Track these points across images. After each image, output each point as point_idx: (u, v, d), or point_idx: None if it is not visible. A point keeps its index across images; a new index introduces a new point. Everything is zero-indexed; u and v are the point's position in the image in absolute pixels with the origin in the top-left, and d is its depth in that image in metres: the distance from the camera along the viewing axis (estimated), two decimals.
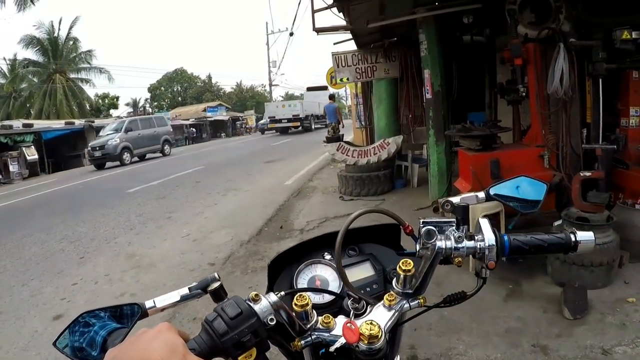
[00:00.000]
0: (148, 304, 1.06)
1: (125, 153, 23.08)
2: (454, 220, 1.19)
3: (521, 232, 1.17)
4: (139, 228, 8.27)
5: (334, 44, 10.41)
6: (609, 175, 4.62)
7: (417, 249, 1.16)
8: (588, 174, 4.54)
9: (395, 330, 1.20)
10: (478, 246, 1.11)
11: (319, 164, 14.79)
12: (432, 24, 7.09)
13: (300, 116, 34.45)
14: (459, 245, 1.11)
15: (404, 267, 1.10)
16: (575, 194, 4.49)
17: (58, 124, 29.61)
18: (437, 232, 1.13)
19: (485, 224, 1.15)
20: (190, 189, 12.24)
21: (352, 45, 10.17)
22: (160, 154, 26.49)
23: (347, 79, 10.06)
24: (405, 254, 1.34)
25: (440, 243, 1.11)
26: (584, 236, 1.12)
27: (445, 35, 7.78)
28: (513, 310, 3.97)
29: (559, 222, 4.53)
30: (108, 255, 6.82)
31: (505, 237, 1.12)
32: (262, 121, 40.52)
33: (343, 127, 16.97)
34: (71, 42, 40.45)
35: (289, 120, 34.85)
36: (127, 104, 51.81)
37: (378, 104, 10.63)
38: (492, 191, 1.32)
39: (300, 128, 35.55)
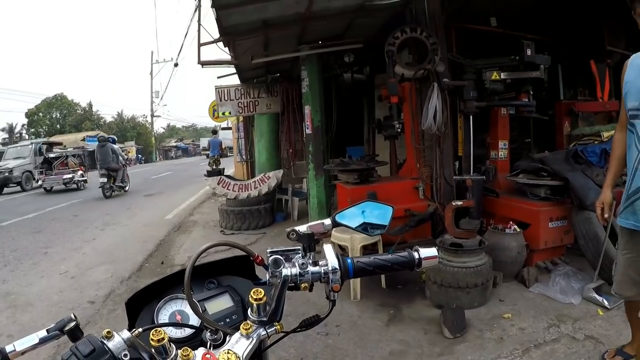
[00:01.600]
0: (8, 348, 1.05)
1: None
2: (300, 247, 1.26)
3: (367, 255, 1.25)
4: (14, 264, 7.62)
5: (218, 77, 10.29)
6: (479, 203, 4.93)
7: (267, 277, 1.20)
8: (460, 203, 4.82)
9: (260, 356, 1.27)
10: (322, 271, 1.18)
11: (200, 197, 14.51)
12: (314, 62, 7.31)
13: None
14: (304, 272, 1.17)
15: (255, 296, 1.14)
16: (448, 222, 4.75)
17: None
18: (284, 260, 1.19)
19: (328, 249, 1.23)
20: (68, 222, 11.48)
21: (236, 80, 10.15)
22: None
23: (229, 113, 10.02)
24: (260, 284, 1.39)
25: (286, 271, 1.17)
26: (427, 253, 1.22)
27: (326, 72, 8.02)
28: (395, 333, 4.06)
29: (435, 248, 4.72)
30: None
31: (349, 260, 1.19)
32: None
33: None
34: None
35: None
36: (3, 129, 48.11)
37: (259, 138, 10.70)
38: (337, 218, 1.41)
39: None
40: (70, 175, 19.90)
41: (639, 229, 2.60)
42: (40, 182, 20.37)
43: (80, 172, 20.83)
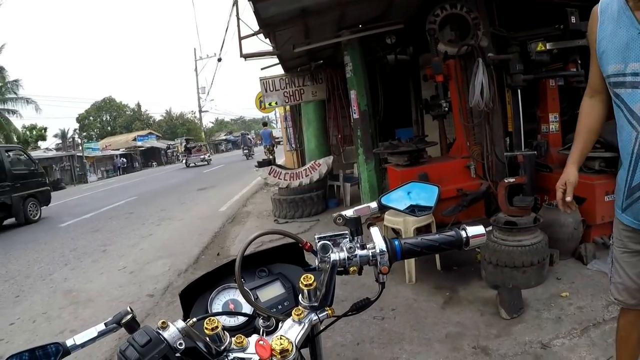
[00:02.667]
0: (69, 342, 1.09)
1: None
2: (347, 232, 1.26)
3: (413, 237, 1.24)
4: (74, 263, 7.96)
5: (262, 69, 10.40)
6: (532, 179, 4.81)
7: (317, 263, 1.22)
8: (512, 180, 4.72)
9: (313, 341, 1.29)
10: (370, 254, 1.18)
11: (252, 188, 14.69)
12: (356, 46, 7.25)
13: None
14: (352, 255, 1.18)
15: (305, 282, 1.15)
16: (501, 200, 4.67)
17: None
18: (332, 245, 1.19)
19: (375, 232, 1.23)
20: (124, 220, 11.89)
21: (279, 70, 10.25)
22: None
23: (276, 103, 10.07)
24: (310, 270, 1.39)
25: (335, 255, 1.17)
26: (474, 231, 1.21)
27: (369, 56, 7.95)
28: (451, 316, 4.03)
29: (489, 228, 4.63)
30: (44, 292, 6.52)
31: (396, 242, 1.19)
32: None
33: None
34: None
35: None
36: (56, 135, 49.28)
37: (307, 126, 10.74)
38: (383, 200, 1.40)
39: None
40: (203, 156, 37.80)
41: None
42: (184, 161, 38.08)
43: (208, 155, 40.64)
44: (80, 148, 40.99)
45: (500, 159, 5.48)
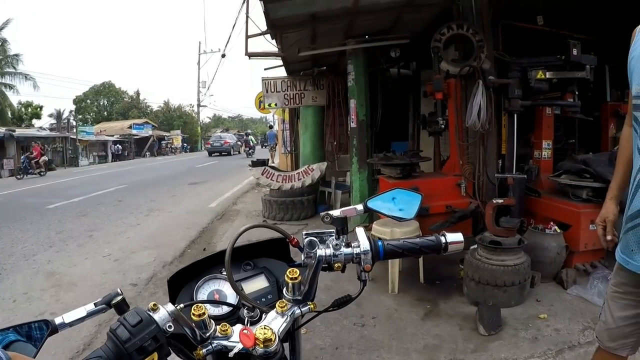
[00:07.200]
0: (57, 320, 1.12)
1: None
2: (334, 230, 1.31)
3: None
4: (59, 245, 7.92)
5: (265, 69, 10.40)
6: (521, 202, 4.88)
7: (302, 258, 1.26)
8: (500, 201, 4.79)
9: (293, 335, 1.33)
10: (354, 252, 1.23)
11: (244, 187, 14.68)
12: (360, 56, 7.34)
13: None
14: (337, 252, 1.23)
15: (290, 276, 1.19)
16: (488, 220, 4.73)
17: None
18: (318, 242, 1.25)
19: (360, 232, 1.28)
20: (113, 207, 11.84)
21: (282, 72, 10.26)
22: None
23: (275, 105, 10.09)
24: (294, 265, 1.43)
25: (321, 251, 1.22)
26: (453, 237, 1.27)
27: (372, 67, 8.04)
28: (431, 328, 4.09)
29: (474, 246, 4.71)
30: (27, 272, 6.48)
31: (380, 243, 1.25)
32: None
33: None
34: None
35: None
36: (51, 115, 48.58)
37: (304, 130, 10.74)
38: (369, 203, 1.45)
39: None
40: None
41: (630, 267, 1.93)
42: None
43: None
44: (75, 130, 40.18)
45: (491, 180, 5.55)
